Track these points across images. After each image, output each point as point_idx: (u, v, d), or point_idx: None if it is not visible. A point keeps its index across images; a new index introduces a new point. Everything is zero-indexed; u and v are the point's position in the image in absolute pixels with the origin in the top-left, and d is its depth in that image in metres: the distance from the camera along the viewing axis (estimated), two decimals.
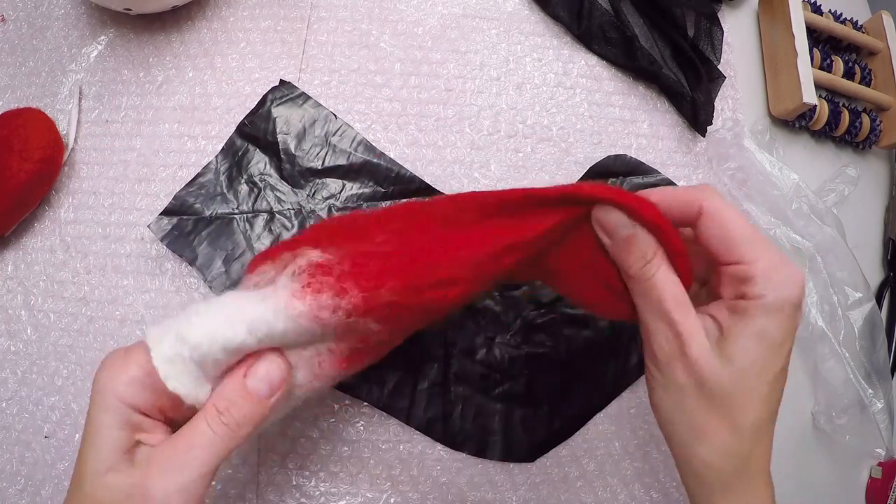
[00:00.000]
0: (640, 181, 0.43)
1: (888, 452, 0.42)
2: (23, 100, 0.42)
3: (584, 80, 0.46)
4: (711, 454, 0.24)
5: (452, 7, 0.46)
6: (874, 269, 0.49)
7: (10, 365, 0.37)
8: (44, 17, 0.45)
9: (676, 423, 0.25)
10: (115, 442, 0.22)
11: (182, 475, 0.22)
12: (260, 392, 0.23)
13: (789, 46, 0.47)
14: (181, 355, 0.22)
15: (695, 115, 0.45)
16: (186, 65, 0.43)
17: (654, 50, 0.47)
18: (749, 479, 0.24)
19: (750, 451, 0.24)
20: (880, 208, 0.51)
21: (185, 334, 0.22)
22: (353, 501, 0.35)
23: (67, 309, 0.38)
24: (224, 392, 0.23)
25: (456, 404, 0.37)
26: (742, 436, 0.24)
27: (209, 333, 0.22)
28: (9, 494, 0.35)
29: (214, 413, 0.23)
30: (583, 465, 0.38)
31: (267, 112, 0.41)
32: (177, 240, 0.38)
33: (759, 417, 0.24)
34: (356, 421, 0.37)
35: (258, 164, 0.40)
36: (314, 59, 0.43)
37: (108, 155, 0.41)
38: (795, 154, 0.49)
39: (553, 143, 0.44)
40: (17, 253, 0.39)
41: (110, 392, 0.22)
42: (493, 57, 0.45)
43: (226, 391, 0.23)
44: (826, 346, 0.42)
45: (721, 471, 0.24)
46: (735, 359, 0.23)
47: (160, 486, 0.21)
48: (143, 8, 0.41)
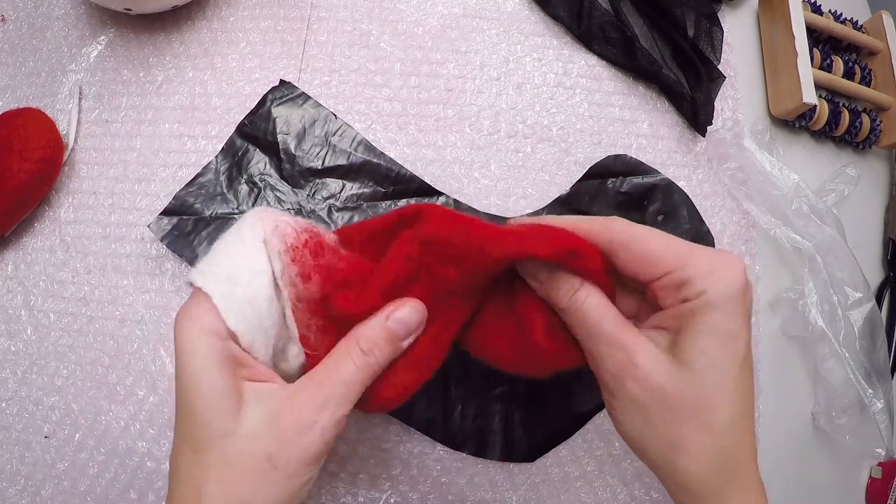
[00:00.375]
0: (640, 181, 0.43)
1: (888, 452, 0.42)
2: (23, 100, 0.42)
3: (584, 80, 0.46)
4: (695, 464, 0.23)
5: (452, 7, 0.46)
6: (874, 269, 0.48)
7: (10, 365, 0.37)
8: (44, 17, 0.45)
9: (649, 443, 0.24)
10: (225, 387, 0.21)
11: (330, 414, 0.22)
12: (398, 333, 0.24)
13: (789, 46, 0.47)
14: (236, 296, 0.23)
15: (695, 115, 0.45)
16: (186, 65, 0.43)
17: (654, 50, 0.47)
18: (739, 480, 0.23)
19: (733, 451, 0.23)
20: (880, 208, 0.51)
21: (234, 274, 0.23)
22: (354, 501, 0.35)
23: (67, 309, 0.38)
24: (367, 333, 0.24)
25: (456, 404, 0.37)
26: (721, 437, 0.23)
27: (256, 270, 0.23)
28: (9, 494, 0.35)
29: (359, 353, 0.23)
30: (583, 465, 0.38)
31: (267, 112, 0.41)
32: (177, 240, 0.38)
33: (733, 414, 0.23)
34: (356, 421, 0.37)
35: (258, 164, 0.40)
36: (314, 59, 0.43)
37: (108, 155, 0.41)
38: (795, 154, 0.49)
39: (553, 143, 0.44)
40: (17, 253, 0.39)
41: (199, 330, 0.22)
42: (493, 57, 0.45)
43: (368, 333, 0.24)
44: (826, 346, 0.41)
45: (709, 478, 0.23)
46: (693, 361, 0.23)
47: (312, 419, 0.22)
48: (143, 8, 0.41)
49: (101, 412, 0.36)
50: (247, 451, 0.21)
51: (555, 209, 0.42)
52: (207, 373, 0.21)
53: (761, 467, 0.24)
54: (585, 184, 0.42)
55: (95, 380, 0.37)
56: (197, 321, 0.22)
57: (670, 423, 0.23)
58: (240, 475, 0.21)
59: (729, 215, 0.45)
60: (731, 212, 0.45)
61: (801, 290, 0.43)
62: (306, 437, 0.22)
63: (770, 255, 0.45)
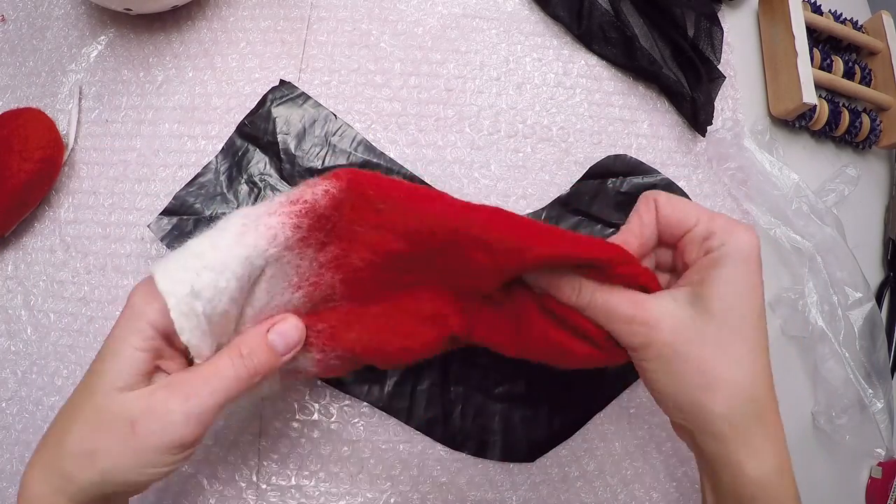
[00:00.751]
0: (640, 181, 0.43)
1: (888, 452, 0.42)
2: (23, 100, 0.42)
3: (584, 80, 0.46)
4: (724, 403, 0.24)
5: (452, 7, 0.46)
6: (874, 269, 0.49)
7: (10, 365, 0.37)
8: (44, 17, 0.45)
9: (681, 390, 0.25)
10: (138, 363, 0.24)
11: (201, 400, 0.23)
12: (277, 346, 0.26)
13: (789, 46, 0.47)
14: (195, 311, 0.24)
15: (695, 115, 0.45)
16: (186, 65, 0.43)
17: (654, 50, 0.47)
18: (764, 426, 0.25)
19: (758, 395, 0.25)
20: (880, 208, 0.51)
21: (199, 289, 0.24)
22: (353, 501, 0.35)
23: (67, 309, 0.38)
24: (247, 340, 0.26)
25: (456, 404, 0.37)
26: (745, 377, 0.24)
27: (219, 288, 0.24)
28: (9, 494, 0.35)
29: (238, 354, 0.25)
30: (583, 465, 0.38)
31: (267, 112, 0.41)
32: (177, 240, 0.38)
33: (754, 358, 0.25)
34: (356, 421, 0.37)
35: (258, 164, 0.40)
36: (314, 59, 0.43)
37: (108, 155, 0.41)
38: (795, 154, 0.49)
39: (553, 143, 0.44)
40: (17, 253, 0.39)
41: (142, 315, 0.24)
42: (493, 57, 0.45)
43: (249, 339, 0.26)
44: (826, 346, 0.41)
45: (738, 419, 0.24)
46: (713, 307, 0.25)
47: (178, 407, 0.23)
48: (143, 8, 0.41)
49: None
50: (114, 411, 0.23)
51: (555, 209, 0.42)
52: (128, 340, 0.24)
53: None
54: (585, 184, 0.42)
55: None
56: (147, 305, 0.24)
57: (697, 367, 0.24)
58: (101, 429, 0.23)
59: (729, 215, 0.44)
60: (731, 212, 0.45)
61: (801, 290, 0.43)
62: (169, 419, 0.23)
63: (770, 255, 0.45)
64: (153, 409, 0.23)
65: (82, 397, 0.24)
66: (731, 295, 0.25)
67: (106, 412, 0.23)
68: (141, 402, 0.23)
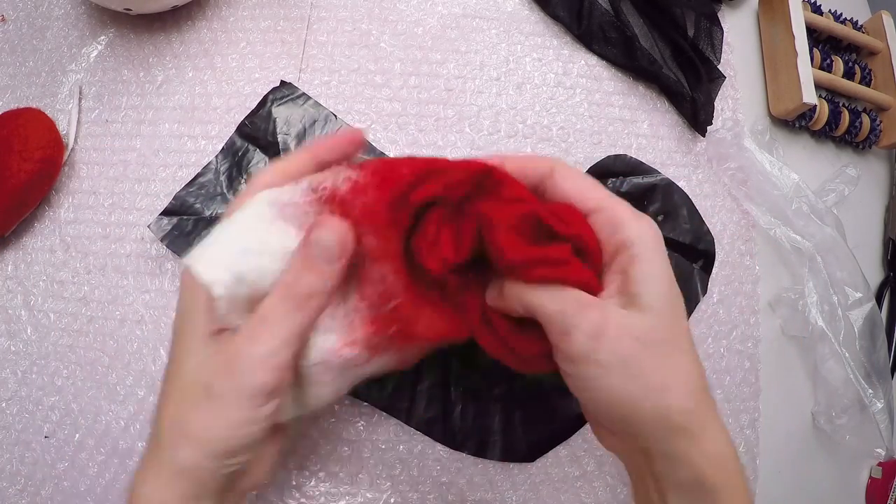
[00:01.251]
0: (640, 181, 0.43)
1: (888, 452, 0.42)
2: (23, 100, 0.42)
3: (584, 80, 0.46)
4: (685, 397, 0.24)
5: (452, 7, 0.46)
6: (874, 269, 0.49)
7: (10, 365, 0.37)
8: (44, 17, 0.45)
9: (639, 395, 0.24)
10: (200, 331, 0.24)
11: (264, 344, 0.23)
12: (317, 258, 0.24)
13: (789, 46, 0.47)
14: (239, 295, 0.24)
15: (695, 115, 0.45)
16: (186, 65, 0.43)
17: (654, 50, 0.47)
18: (712, 402, 0.25)
19: (705, 381, 0.25)
20: (880, 208, 0.51)
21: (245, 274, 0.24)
22: (353, 501, 0.35)
23: (67, 309, 0.38)
24: (290, 270, 0.25)
25: (456, 404, 0.37)
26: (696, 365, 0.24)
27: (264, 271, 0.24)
28: (9, 494, 0.35)
29: (283, 286, 0.24)
30: (583, 465, 0.38)
31: (267, 112, 0.41)
32: (177, 240, 0.38)
33: (693, 348, 0.25)
34: (356, 421, 0.37)
35: (258, 164, 0.40)
36: (314, 59, 0.43)
37: (108, 155, 0.41)
38: (795, 154, 0.49)
39: (553, 143, 0.44)
40: (17, 253, 0.39)
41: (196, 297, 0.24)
42: (493, 57, 0.45)
43: (291, 269, 0.25)
44: (826, 346, 0.41)
45: (698, 407, 0.24)
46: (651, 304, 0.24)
47: (247, 354, 0.23)
48: (143, 8, 0.41)
49: (101, 412, 0.36)
50: (188, 382, 0.24)
51: None
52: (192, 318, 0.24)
53: (762, 467, 0.25)
54: None
55: (95, 380, 0.37)
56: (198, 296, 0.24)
57: (654, 365, 0.24)
58: (185, 404, 0.23)
59: (729, 215, 0.45)
60: (731, 212, 0.45)
61: (801, 290, 0.43)
62: (238, 369, 0.23)
63: (770, 255, 0.45)
64: (224, 365, 0.23)
65: (166, 385, 0.25)
66: (659, 290, 0.24)
67: (182, 387, 0.24)
68: (209, 364, 0.23)
